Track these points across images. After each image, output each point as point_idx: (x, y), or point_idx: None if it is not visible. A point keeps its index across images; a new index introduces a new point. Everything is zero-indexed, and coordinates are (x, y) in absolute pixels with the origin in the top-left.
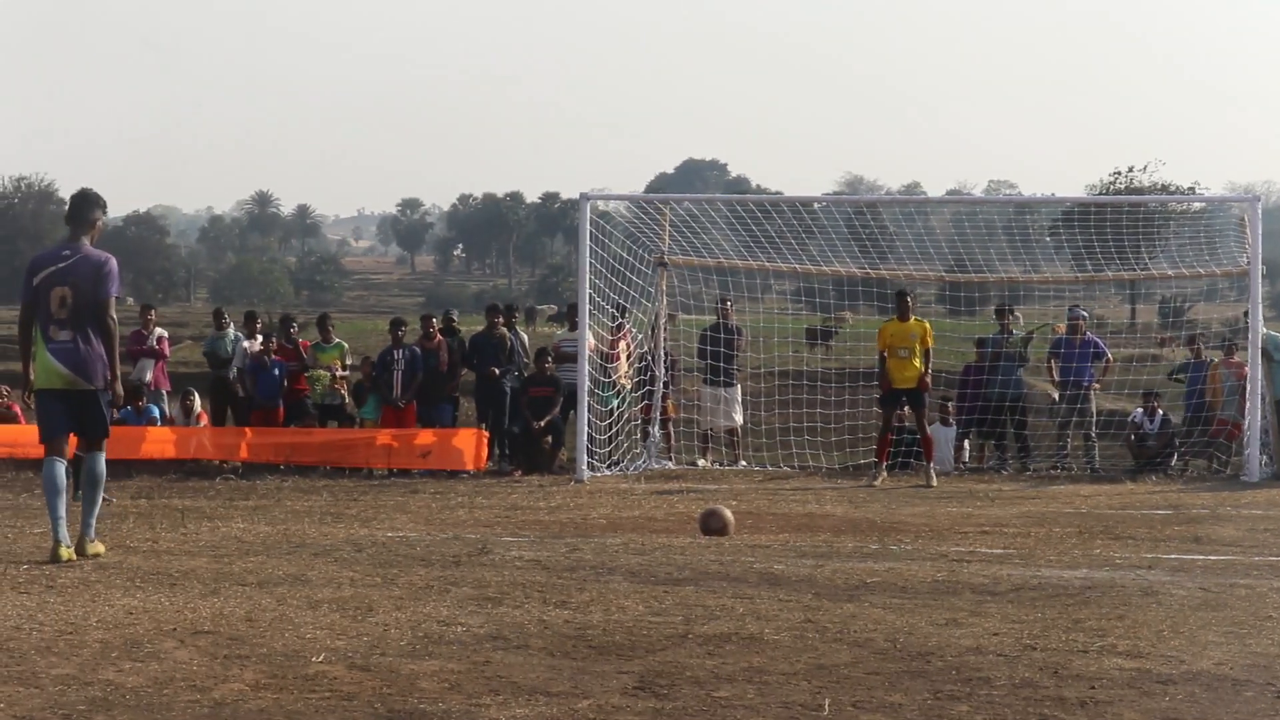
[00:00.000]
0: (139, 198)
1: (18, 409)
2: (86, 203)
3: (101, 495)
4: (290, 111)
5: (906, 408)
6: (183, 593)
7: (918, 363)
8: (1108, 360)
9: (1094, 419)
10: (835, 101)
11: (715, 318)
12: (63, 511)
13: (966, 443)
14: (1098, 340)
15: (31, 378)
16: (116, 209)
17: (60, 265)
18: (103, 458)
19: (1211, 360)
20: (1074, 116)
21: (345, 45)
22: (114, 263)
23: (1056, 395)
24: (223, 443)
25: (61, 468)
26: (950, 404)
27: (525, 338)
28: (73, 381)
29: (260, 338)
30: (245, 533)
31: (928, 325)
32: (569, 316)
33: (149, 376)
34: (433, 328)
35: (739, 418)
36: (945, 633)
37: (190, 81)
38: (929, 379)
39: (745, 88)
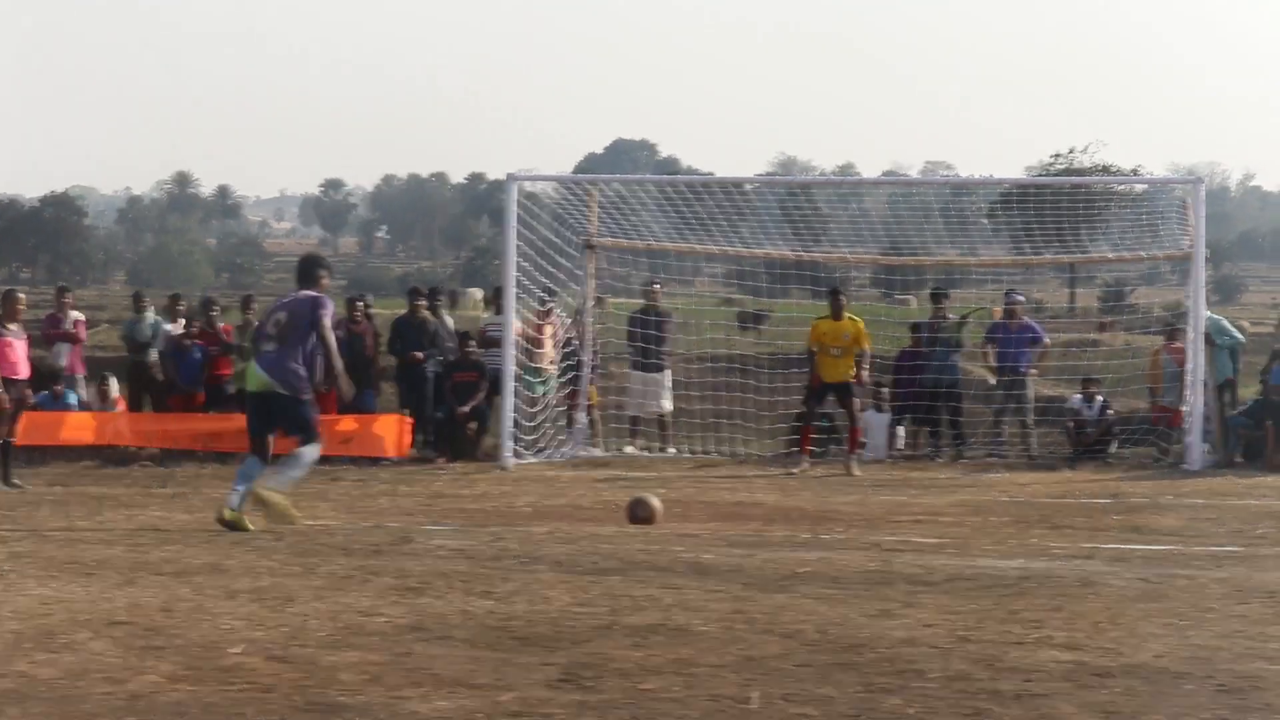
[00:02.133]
0: (55, 178)
1: None
2: (312, 264)
3: (298, 472)
4: (210, 90)
5: (834, 398)
6: (98, 582)
7: (849, 362)
8: (1045, 345)
9: (1031, 405)
10: (768, 81)
11: (643, 301)
12: (242, 488)
13: (900, 429)
14: (1035, 325)
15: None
16: (32, 189)
17: (284, 300)
18: (313, 448)
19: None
20: (1013, 96)
21: (267, 21)
22: (328, 299)
23: (993, 381)
24: (140, 429)
25: (254, 462)
26: (884, 390)
27: (449, 322)
28: (267, 385)
29: (182, 321)
30: (162, 521)
31: (861, 325)
32: (495, 300)
33: (64, 361)
34: (358, 310)
35: (668, 404)
36: (878, 624)
37: (106, 58)
38: (865, 374)
39: (675, 66)
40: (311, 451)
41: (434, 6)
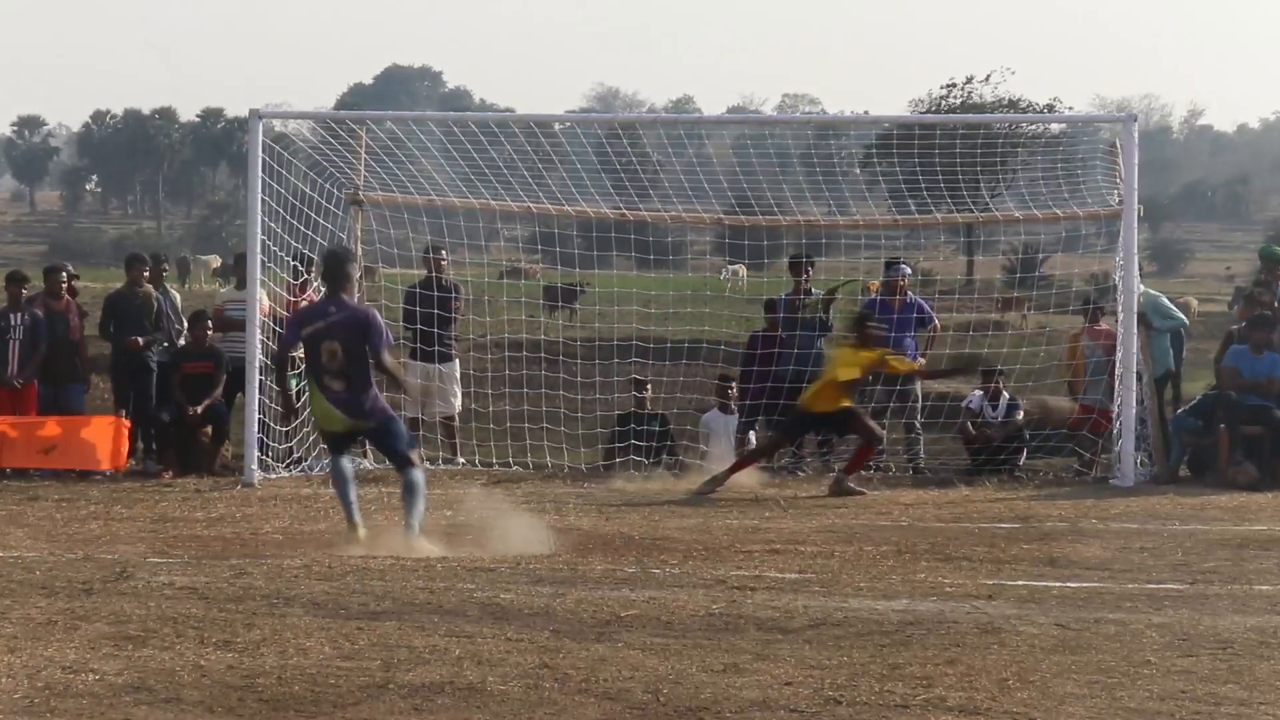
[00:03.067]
0: None
1: None
2: (339, 261)
3: (422, 504)
4: None
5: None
6: None
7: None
8: (935, 328)
9: (919, 404)
10: None
11: (425, 272)
12: (353, 497)
13: (752, 434)
14: (922, 303)
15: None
16: None
17: (327, 321)
18: (416, 472)
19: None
20: (894, 12)
21: None
22: (375, 315)
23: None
24: None
25: (343, 461)
26: (732, 386)
27: (177, 298)
28: (352, 425)
29: None
30: None
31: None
32: (236, 270)
33: None
34: (61, 284)
35: (457, 402)
36: (723, 681)
37: None
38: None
39: None
40: (419, 476)
41: None
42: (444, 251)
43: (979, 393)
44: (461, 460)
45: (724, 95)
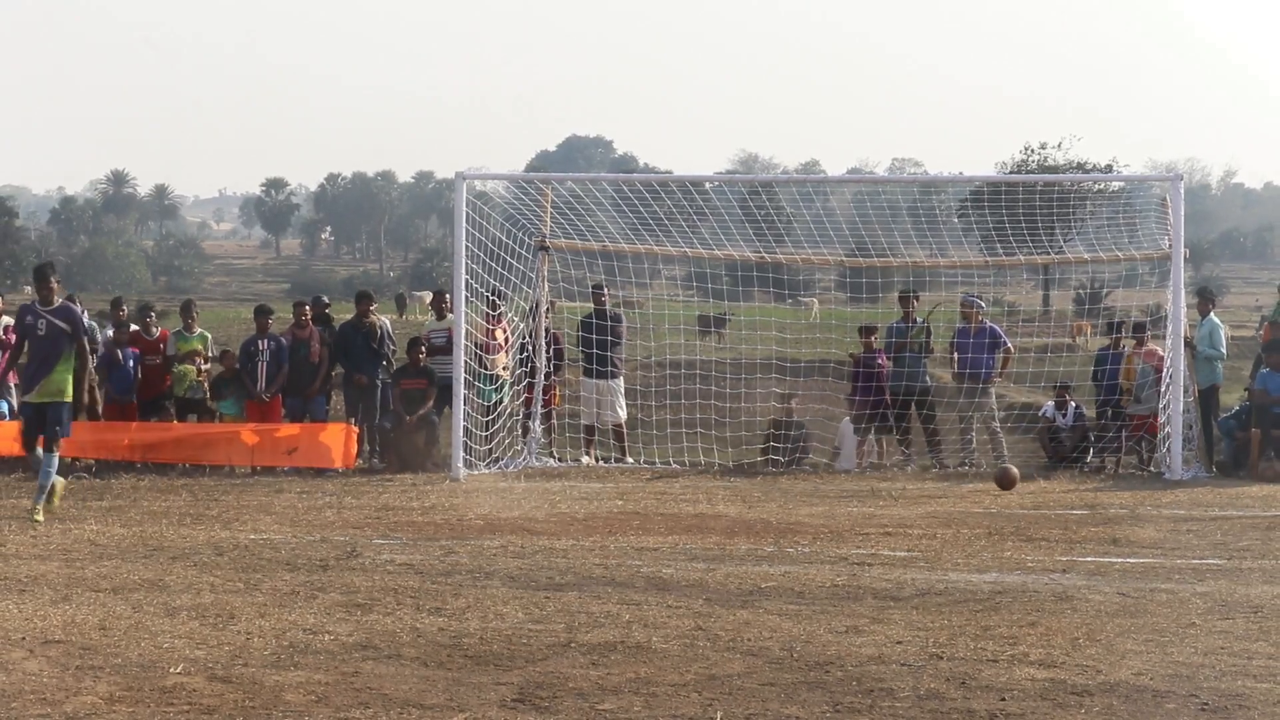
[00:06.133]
0: None
1: None
2: None
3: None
4: (148, 86)
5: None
6: (32, 599)
7: None
8: (1007, 350)
9: (995, 413)
10: (728, 74)
11: (592, 305)
12: None
13: (872, 439)
14: (996, 328)
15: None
16: None
17: None
18: None
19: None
20: (984, 90)
21: (205, 15)
22: None
23: (956, 388)
24: (75, 439)
25: None
26: (845, 398)
27: (389, 325)
28: None
29: (114, 327)
30: (99, 535)
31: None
32: (435, 305)
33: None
34: (305, 315)
35: (623, 412)
36: (845, 641)
37: (39, 54)
38: None
39: (631, 59)
40: None
41: (376, 1)
42: (605, 287)
43: (1051, 403)
44: (630, 459)
45: (844, 158)
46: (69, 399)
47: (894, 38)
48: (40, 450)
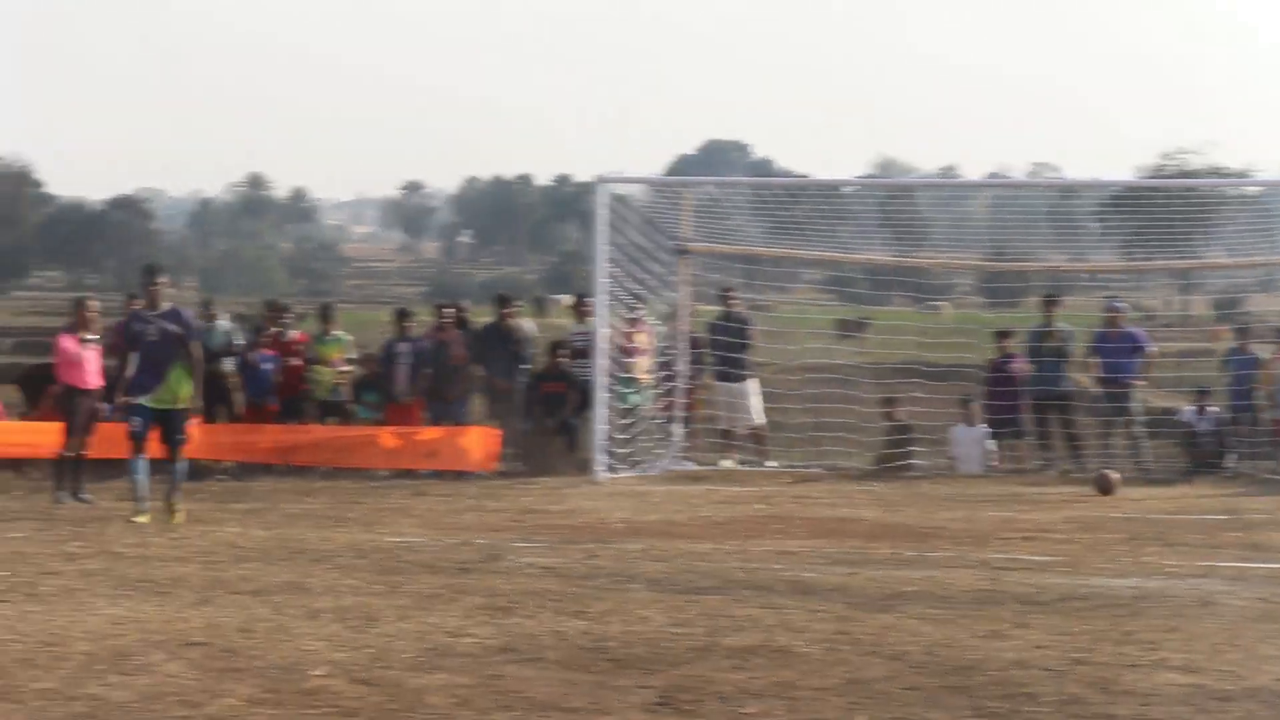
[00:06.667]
0: (123, 180)
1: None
2: None
3: None
4: (285, 88)
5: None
6: (173, 601)
7: None
8: (1150, 354)
9: (1139, 417)
10: (866, 78)
11: (721, 308)
12: None
13: (991, 443)
14: (1137, 332)
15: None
16: (98, 192)
17: None
18: None
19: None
20: (1122, 94)
21: (343, 17)
22: None
23: (1097, 392)
24: (215, 441)
25: None
26: (973, 402)
27: (532, 329)
28: None
29: (246, 329)
30: (239, 538)
31: None
32: (575, 308)
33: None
34: (446, 318)
35: (757, 415)
36: (987, 645)
37: (176, 56)
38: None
39: (770, 63)
40: None
41: (516, 6)
42: (733, 290)
43: (1191, 407)
44: (770, 462)
45: (982, 162)
46: (187, 405)
47: (1031, 44)
48: (141, 456)
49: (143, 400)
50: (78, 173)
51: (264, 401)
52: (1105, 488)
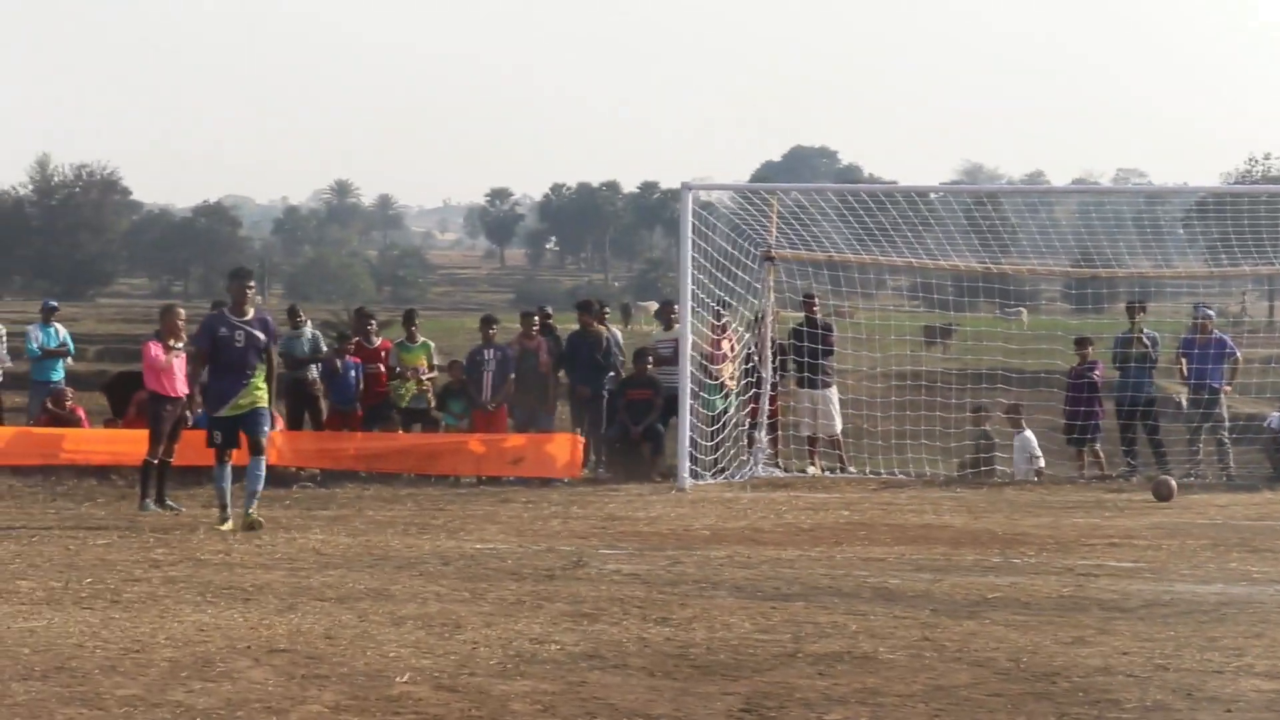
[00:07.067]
0: (210, 187)
1: (81, 413)
2: None
3: None
4: (371, 96)
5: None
6: (257, 608)
7: None
8: (1236, 360)
9: (1226, 423)
10: (952, 84)
11: (803, 314)
12: None
13: (1084, 451)
14: (1225, 338)
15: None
16: (185, 199)
17: None
18: None
19: None
20: (1208, 99)
21: (429, 25)
22: None
23: (1185, 399)
24: (299, 448)
25: None
26: (1019, 409)
27: (619, 336)
28: None
29: (331, 336)
30: (324, 544)
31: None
32: (663, 315)
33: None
34: (532, 325)
35: (837, 423)
36: (1072, 652)
37: (263, 64)
38: None
39: (856, 70)
40: None
41: (604, 12)
42: (814, 297)
43: (1277, 414)
44: (854, 469)
45: (1069, 169)
46: (267, 405)
47: (1118, 49)
48: (224, 464)
49: (222, 413)
50: (165, 180)
51: (349, 408)
52: (1163, 494)
